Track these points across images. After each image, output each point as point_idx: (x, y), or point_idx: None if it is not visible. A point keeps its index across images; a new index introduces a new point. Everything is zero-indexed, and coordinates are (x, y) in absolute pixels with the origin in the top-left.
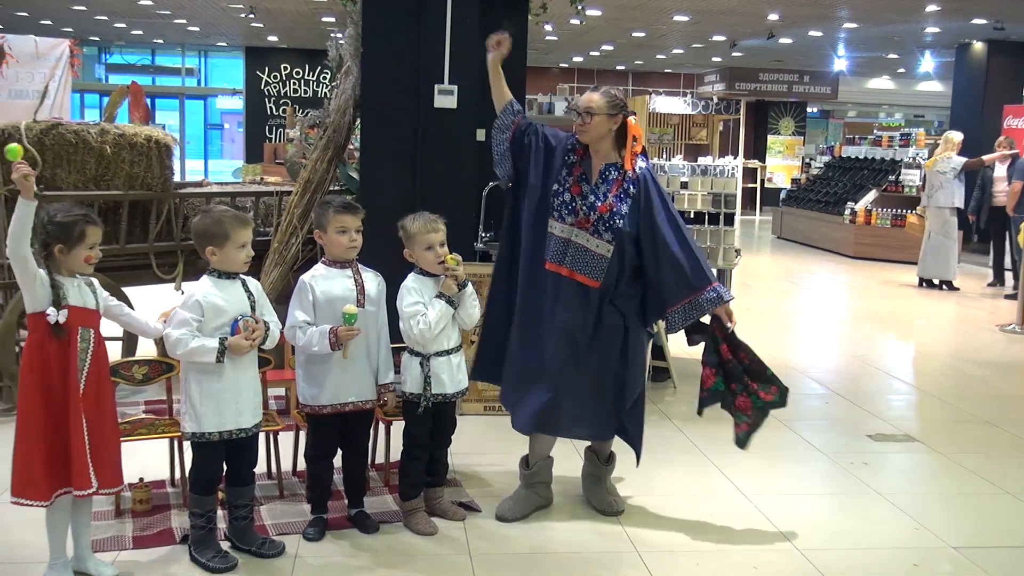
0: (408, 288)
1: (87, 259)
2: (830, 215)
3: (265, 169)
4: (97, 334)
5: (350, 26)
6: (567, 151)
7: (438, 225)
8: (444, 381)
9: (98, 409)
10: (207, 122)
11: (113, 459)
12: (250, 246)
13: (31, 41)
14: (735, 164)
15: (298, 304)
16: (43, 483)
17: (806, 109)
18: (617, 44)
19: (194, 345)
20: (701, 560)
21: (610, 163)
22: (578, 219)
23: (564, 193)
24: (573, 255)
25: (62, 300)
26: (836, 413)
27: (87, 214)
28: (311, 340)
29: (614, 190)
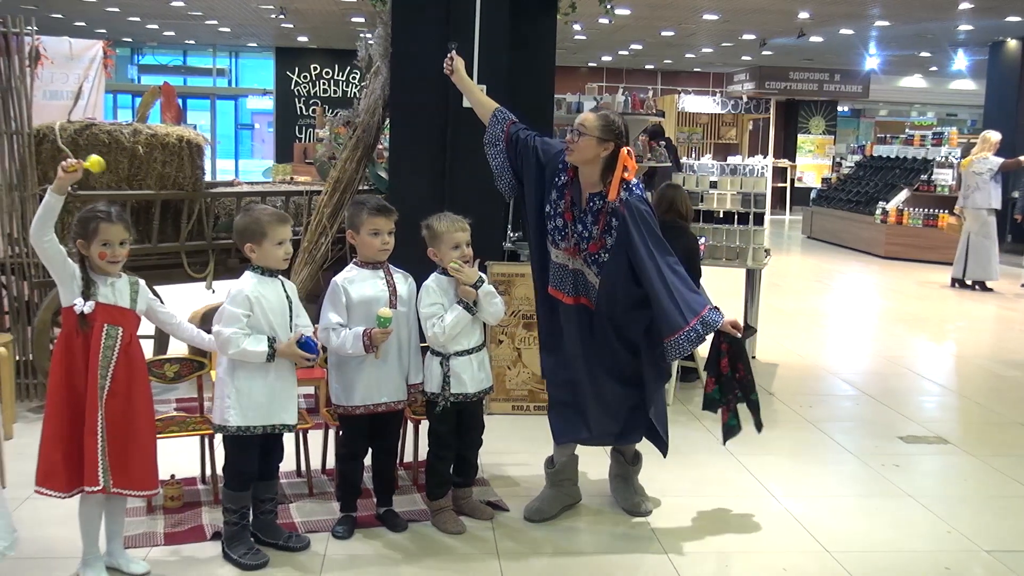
0: (427, 288)
1: (101, 256)
2: (861, 215)
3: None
4: (128, 333)
5: (379, 26)
6: (557, 171)
7: (463, 224)
8: (464, 381)
9: (128, 409)
10: (238, 122)
11: (146, 462)
12: (288, 243)
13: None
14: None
15: (331, 306)
16: (62, 475)
17: (837, 108)
18: (646, 43)
19: (246, 346)
20: (730, 562)
21: (594, 193)
22: (570, 246)
23: (557, 218)
24: (574, 281)
25: (92, 295)
26: (867, 414)
27: (107, 211)
28: (344, 343)
29: (600, 223)
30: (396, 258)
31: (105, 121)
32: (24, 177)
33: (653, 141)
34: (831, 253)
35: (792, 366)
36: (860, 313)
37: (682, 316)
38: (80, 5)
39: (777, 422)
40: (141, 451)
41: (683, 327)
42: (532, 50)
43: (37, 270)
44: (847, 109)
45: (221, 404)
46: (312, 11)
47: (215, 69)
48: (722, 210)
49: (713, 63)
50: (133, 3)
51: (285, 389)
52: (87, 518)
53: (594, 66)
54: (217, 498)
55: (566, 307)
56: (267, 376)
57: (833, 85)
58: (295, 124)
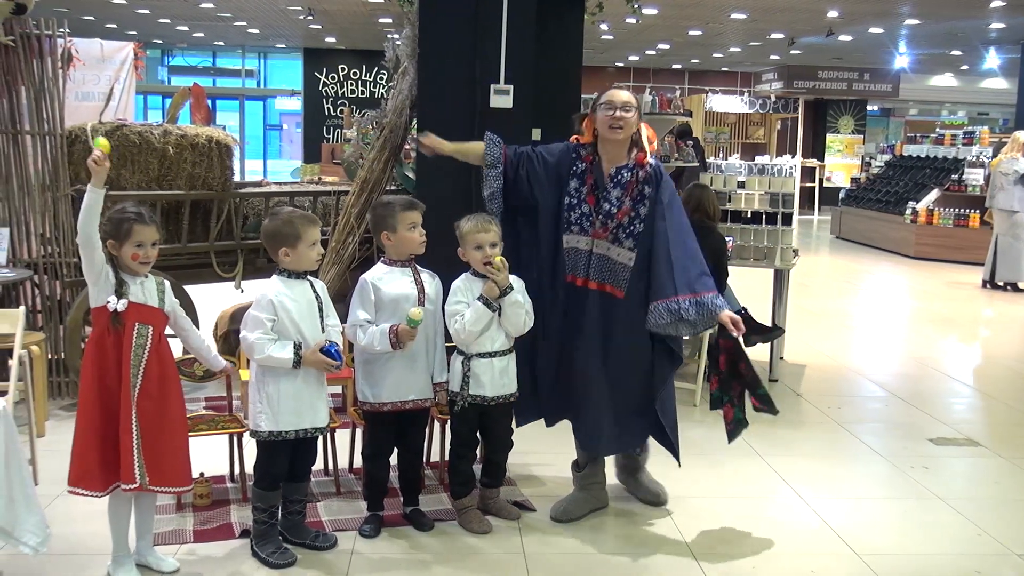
0: (455, 287)
1: (134, 257)
2: (890, 215)
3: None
4: (158, 332)
5: (407, 27)
6: (572, 161)
7: (489, 226)
8: (484, 383)
9: (160, 407)
10: (266, 123)
11: (178, 458)
12: (319, 245)
13: (97, 44)
14: (793, 163)
15: (360, 303)
16: (97, 475)
17: (866, 107)
18: (673, 43)
19: (272, 352)
20: (757, 564)
21: (620, 165)
22: (595, 230)
23: (580, 205)
24: (597, 266)
25: (124, 294)
26: (896, 416)
27: (139, 212)
28: (372, 340)
29: (629, 193)
30: (424, 257)
31: (136, 122)
32: (56, 178)
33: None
34: (860, 253)
35: (820, 367)
36: (889, 314)
37: (674, 287)
38: (111, 7)
39: (805, 423)
40: (174, 447)
41: (670, 296)
42: (559, 50)
43: (69, 269)
44: (877, 108)
45: (253, 409)
46: (340, 12)
47: (244, 70)
48: (750, 210)
49: (741, 62)
50: (163, 5)
51: (315, 392)
52: (117, 516)
53: (621, 66)
54: (246, 496)
55: (592, 293)
56: (295, 380)
57: (862, 84)
58: (323, 125)
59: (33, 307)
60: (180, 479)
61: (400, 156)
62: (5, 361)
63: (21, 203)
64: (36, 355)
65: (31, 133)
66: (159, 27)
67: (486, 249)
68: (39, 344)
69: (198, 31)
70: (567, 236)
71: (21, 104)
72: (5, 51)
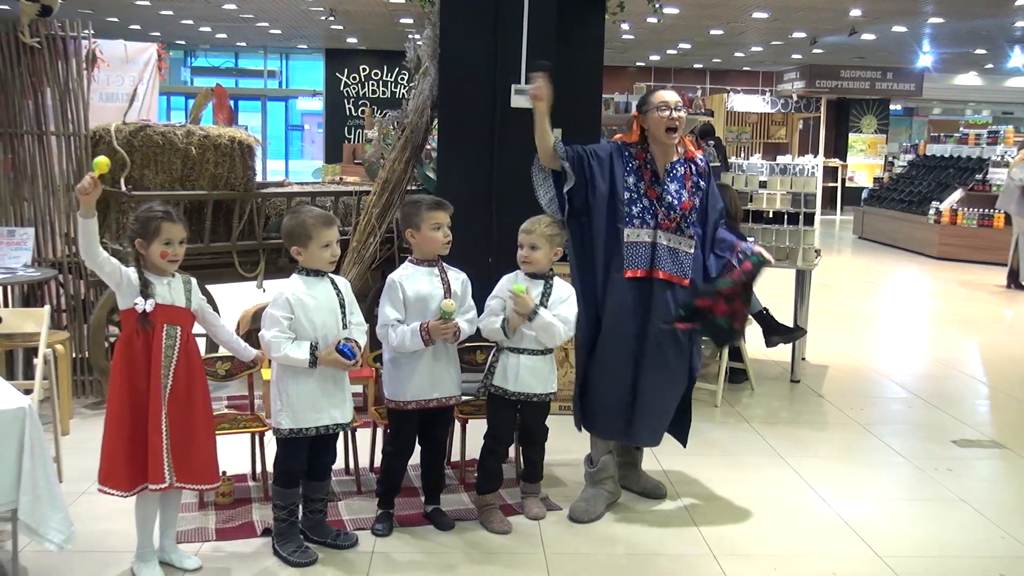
0: (501, 284)
1: (163, 255)
2: (913, 215)
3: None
4: (186, 332)
5: (428, 27)
6: (624, 158)
7: (532, 227)
8: (507, 377)
9: (188, 406)
10: (288, 123)
11: (206, 456)
12: (335, 245)
13: (121, 46)
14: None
15: (388, 302)
16: (124, 474)
17: (889, 106)
18: (695, 42)
19: (288, 352)
20: (778, 565)
21: (673, 160)
22: (660, 221)
23: (641, 199)
24: (661, 257)
25: (150, 295)
26: (919, 417)
27: (166, 211)
28: (404, 340)
29: (687, 186)
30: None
31: (159, 123)
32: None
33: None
34: (883, 254)
35: (842, 368)
36: (912, 314)
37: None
38: (135, 9)
39: (827, 424)
40: (202, 445)
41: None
42: (580, 50)
43: None
44: (900, 107)
45: (274, 407)
46: (361, 13)
47: (266, 71)
48: (772, 210)
49: (763, 62)
50: (186, 6)
51: (335, 389)
52: (143, 514)
53: (642, 65)
54: (267, 495)
55: (657, 284)
56: (313, 378)
57: (885, 83)
58: (344, 125)
59: (58, 306)
60: (208, 476)
61: (421, 156)
62: (30, 360)
63: (46, 203)
64: (61, 354)
65: (56, 134)
66: (182, 28)
67: (525, 250)
68: (64, 343)
69: (221, 32)
70: (628, 230)
71: (46, 105)
72: (31, 53)
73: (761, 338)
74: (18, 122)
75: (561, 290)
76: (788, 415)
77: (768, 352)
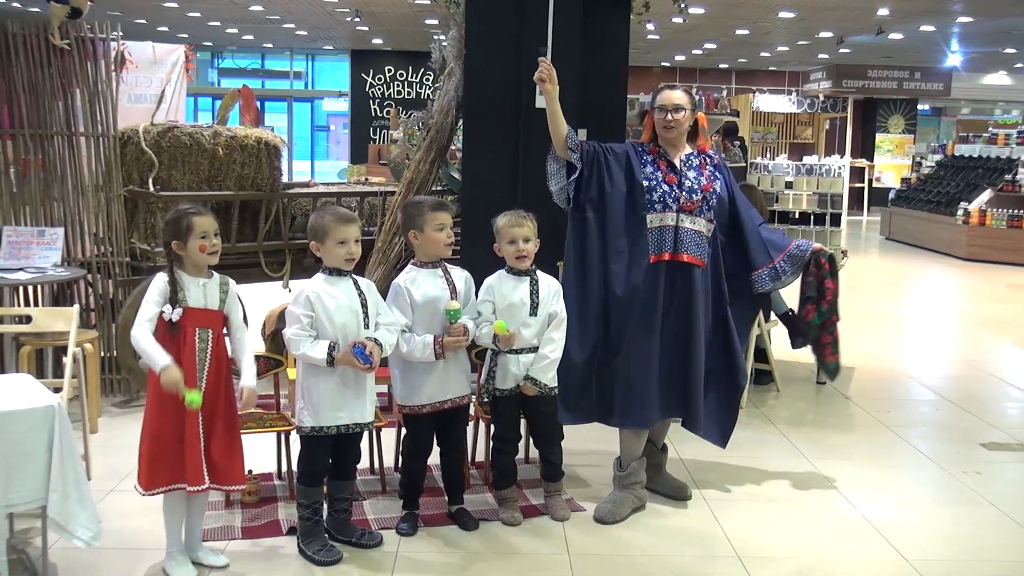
0: (487, 285)
1: (202, 248)
2: (941, 216)
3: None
4: (217, 334)
5: (453, 28)
6: (639, 153)
7: (524, 221)
8: (508, 378)
9: (219, 408)
10: (314, 124)
11: (235, 457)
12: (352, 244)
13: (149, 47)
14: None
15: (396, 307)
16: (148, 473)
17: (917, 106)
18: (720, 42)
19: (306, 350)
20: (804, 568)
21: (687, 153)
22: (681, 204)
23: (661, 184)
24: (684, 239)
25: (180, 301)
26: (947, 420)
27: (193, 207)
28: (414, 350)
29: (704, 173)
30: (471, 257)
31: (186, 123)
32: (109, 178)
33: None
34: (910, 255)
35: (869, 370)
36: (940, 316)
37: (768, 254)
38: (163, 11)
39: (854, 426)
40: (230, 446)
41: (767, 264)
42: (605, 50)
43: (122, 269)
44: (928, 107)
45: (298, 405)
46: (387, 14)
47: (292, 72)
48: (798, 211)
49: (789, 61)
50: (213, 8)
51: (357, 389)
52: (172, 514)
53: (667, 65)
54: (293, 494)
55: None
56: (334, 377)
57: (913, 83)
58: (369, 125)
59: (86, 305)
60: (238, 477)
61: (446, 156)
62: (60, 358)
63: (75, 203)
64: (89, 353)
65: (85, 135)
66: (209, 30)
67: (519, 244)
68: (92, 342)
69: (247, 34)
70: (651, 216)
71: (76, 106)
72: (61, 54)
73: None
74: (48, 123)
75: (549, 283)
76: (814, 417)
77: (794, 353)
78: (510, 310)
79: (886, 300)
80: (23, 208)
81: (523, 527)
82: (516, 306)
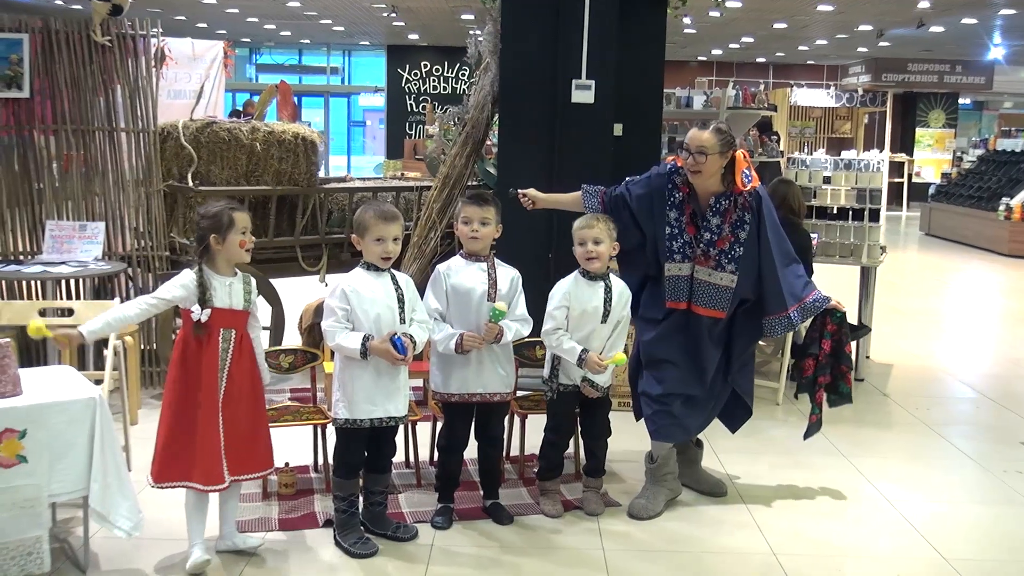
0: (560, 289)
1: (242, 244)
2: (983, 211)
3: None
4: (240, 333)
5: (489, 23)
6: (669, 191)
7: (594, 223)
8: (572, 375)
9: (241, 405)
10: (350, 119)
11: (260, 446)
12: (390, 243)
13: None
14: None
15: (432, 292)
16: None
17: (958, 100)
18: (757, 36)
19: (340, 340)
20: (842, 565)
21: (718, 194)
22: (697, 257)
23: (681, 235)
24: (697, 291)
25: (208, 301)
26: (987, 418)
27: (230, 202)
28: (440, 340)
29: (728, 219)
30: (507, 251)
31: (225, 119)
32: (149, 173)
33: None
34: (950, 251)
35: (908, 367)
36: (981, 313)
37: (783, 302)
38: (202, 7)
39: (892, 424)
40: (254, 438)
41: (782, 312)
42: (641, 45)
43: (161, 263)
44: (969, 101)
45: (334, 397)
46: (423, 9)
47: (329, 67)
48: (836, 206)
49: (827, 55)
50: (252, 4)
51: (391, 382)
52: (192, 510)
53: (704, 60)
54: (329, 487)
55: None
56: (368, 370)
57: (954, 77)
58: (405, 121)
59: (126, 299)
60: (262, 463)
61: (482, 152)
62: (101, 351)
63: (116, 198)
64: (130, 345)
65: (126, 130)
66: (247, 26)
67: (588, 245)
68: (133, 335)
69: (285, 30)
70: (669, 264)
71: (117, 102)
72: (102, 51)
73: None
74: (90, 119)
75: (622, 289)
76: (851, 414)
77: None
78: (583, 317)
79: (926, 297)
80: (65, 203)
81: (557, 521)
82: (589, 313)
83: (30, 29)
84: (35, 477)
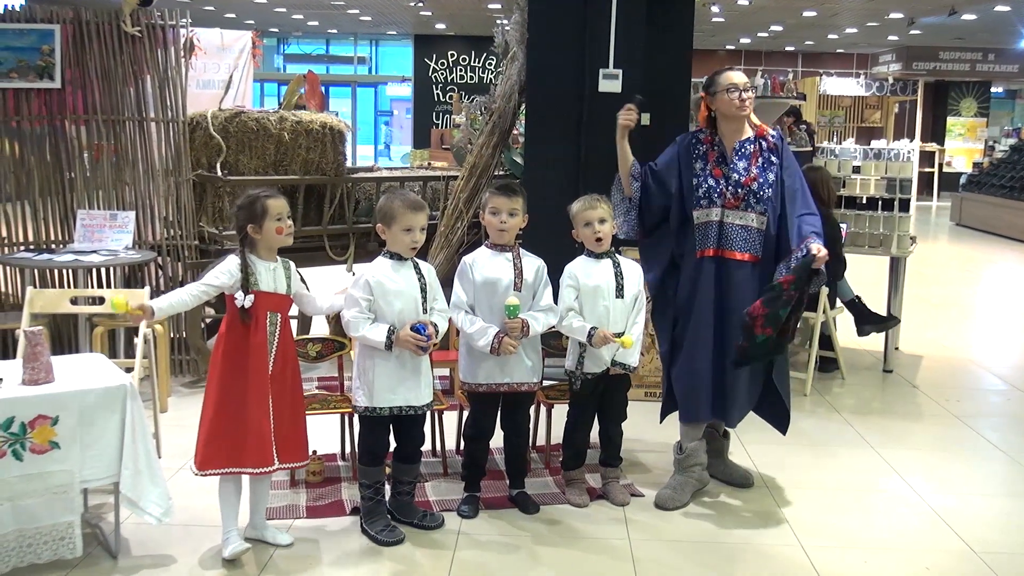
0: (569, 271)
1: (279, 231)
2: (1015, 201)
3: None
4: (284, 317)
5: (516, 12)
6: (691, 146)
7: (597, 203)
8: (599, 361)
9: (286, 389)
10: (377, 109)
11: (300, 435)
12: (418, 232)
13: (217, 34)
14: (911, 147)
15: (459, 283)
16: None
17: (990, 89)
18: (786, 24)
19: (365, 332)
20: (869, 558)
21: (742, 139)
22: (726, 200)
23: (707, 179)
24: (728, 235)
25: (252, 286)
26: (1018, 410)
27: (264, 190)
28: (475, 336)
29: (754, 162)
30: (533, 242)
31: (253, 109)
32: (179, 163)
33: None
34: (982, 241)
35: (938, 358)
36: (1012, 304)
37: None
38: None
39: (921, 416)
40: (296, 425)
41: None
42: (669, 33)
43: (191, 252)
44: (1002, 90)
45: (354, 384)
46: None
47: (356, 57)
48: (865, 196)
49: (857, 44)
50: None
51: (412, 371)
52: (227, 497)
53: (732, 48)
54: (356, 475)
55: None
56: (390, 359)
57: (987, 65)
58: (432, 110)
59: (157, 287)
60: (301, 454)
61: (508, 141)
62: (131, 339)
63: (146, 187)
64: (160, 334)
65: (156, 120)
66: (275, 16)
67: (595, 225)
68: (163, 323)
69: (312, 19)
70: (697, 212)
71: (147, 92)
72: (132, 41)
73: (853, 327)
74: (120, 109)
75: (632, 265)
76: (880, 405)
77: (860, 341)
78: (595, 293)
79: (956, 287)
80: (96, 192)
81: (583, 511)
82: (601, 288)
83: (61, 20)
84: (67, 463)
